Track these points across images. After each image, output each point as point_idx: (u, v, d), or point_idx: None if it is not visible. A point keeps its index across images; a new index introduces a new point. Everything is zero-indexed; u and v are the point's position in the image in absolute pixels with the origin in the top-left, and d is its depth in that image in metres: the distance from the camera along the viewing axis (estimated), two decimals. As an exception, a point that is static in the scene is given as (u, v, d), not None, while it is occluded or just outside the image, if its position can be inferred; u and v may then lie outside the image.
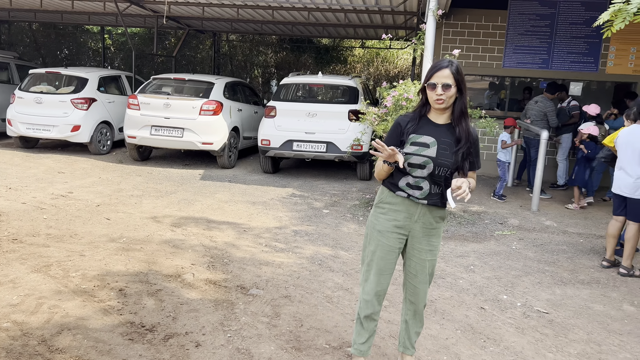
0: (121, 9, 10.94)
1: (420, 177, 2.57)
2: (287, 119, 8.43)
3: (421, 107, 2.63)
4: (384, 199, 2.70)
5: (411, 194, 2.59)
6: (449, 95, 2.51)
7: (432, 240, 2.71)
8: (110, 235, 5.13)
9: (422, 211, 2.63)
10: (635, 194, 4.83)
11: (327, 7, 9.69)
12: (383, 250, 2.68)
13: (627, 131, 4.98)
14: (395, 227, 2.66)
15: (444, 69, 2.51)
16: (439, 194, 2.61)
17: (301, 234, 5.58)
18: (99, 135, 9.73)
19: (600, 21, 3.90)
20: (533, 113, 8.07)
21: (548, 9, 9.17)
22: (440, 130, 2.58)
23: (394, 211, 2.65)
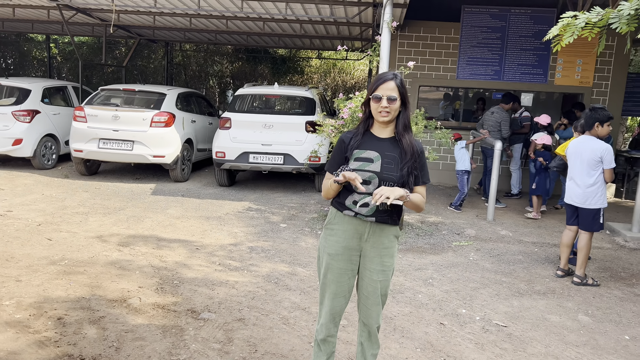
0: (67, 17, 10.50)
1: (366, 193, 2.48)
2: (243, 130, 8.24)
3: (364, 122, 2.57)
4: (332, 219, 2.61)
5: (358, 211, 2.50)
6: (394, 108, 2.47)
7: (385, 260, 2.59)
8: (51, 258, 4.80)
9: (371, 230, 2.54)
10: (585, 204, 4.90)
11: (283, 17, 9.59)
12: (334, 273, 2.59)
13: (576, 142, 5.06)
14: (345, 248, 2.56)
15: (389, 81, 2.47)
16: (388, 211, 2.53)
17: (257, 250, 5.40)
18: (43, 149, 9.24)
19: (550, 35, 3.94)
20: (490, 124, 8.19)
21: (499, 22, 9.38)
22: (384, 144, 2.52)
23: (342, 232, 2.56)
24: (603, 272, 5.35)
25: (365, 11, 8.54)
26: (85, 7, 9.92)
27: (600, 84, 9.44)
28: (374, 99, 2.48)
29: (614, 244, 6.47)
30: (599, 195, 4.88)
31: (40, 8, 10.59)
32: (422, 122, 6.59)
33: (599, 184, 4.87)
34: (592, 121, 4.91)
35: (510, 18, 9.36)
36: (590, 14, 3.74)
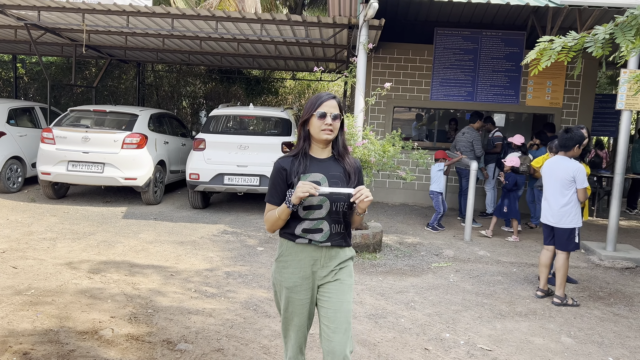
0: (35, 36, 10.25)
1: (318, 218, 2.42)
2: (218, 151, 8.11)
3: (302, 144, 2.48)
4: (284, 251, 2.49)
5: (311, 238, 2.43)
6: (337, 126, 2.44)
7: (344, 278, 2.51)
8: (16, 287, 4.54)
9: (327, 255, 2.47)
10: (560, 223, 4.94)
11: (257, 38, 9.57)
12: (296, 305, 2.48)
13: (550, 162, 5.12)
14: (302, 278, 2.46)
15: (331, 99, 2.45)
16: (341, 233, 2.48)
17: (234, 275, 5.24)
18: (8, 172, 8.90)
19: (528, 59, 3.98)
20: (462, 144, 8.26)
21: (471, 44, 9.55)
22: (325, 165, 2.47)
23: (297, 262, 2.46)
24: (582, 292, 5.37)
25: (340, 33, 8.59)
26: (54, 27, 9.70)
27: (569, 104, 9.67)
28: (319, 117, 2.41)
29: (589, 262, 6.54)
30: (573, 214, 4.92)
31: (7, 27, 10.32)
32: (399, 143, 6.59)
33: (573, 204, 4.91)
34: (573, 143, 4.94)
35: (481, 40, 9.56)
36: (566, 39, 3.80)
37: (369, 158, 6.22)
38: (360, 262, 6.00)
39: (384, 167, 6.50)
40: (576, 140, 4.93)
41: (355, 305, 4.61)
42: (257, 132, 9.85)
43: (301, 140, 2.48)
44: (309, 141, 2.48)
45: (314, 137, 2.45)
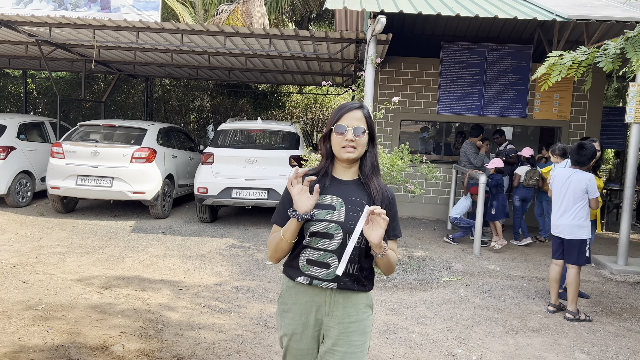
0: (45, 52, 10.38)
1: (326, 250, 1.98)
2: (226, 165, 8.14)
3: (325, 161, 2.08)
4: (284, 292, 2.10)
5: (313, 275, 1.99)
6: (361, 142, 2.00)
7: (353, 338, 2.03)
8: (26, 302, 4.55)
9: (333, 300, 2.02)
10: (570, 235, 4.91)
11: (265, 53, 9.65)
12: (295, 356, 2.10)
13: (560, 174, 5.09)
14: (303, 326, 2.06)
15: (355, 110, 2.02)
16: (354, 276, 2.00)
17: (243, 290, 5.22)
18: (17, 186, 8.96)
19: (538, 74, 4.00)
20: (462, 158, 8.31)
21: (478, 58, 9.59)
22: (347, 187, 2.03)
23: (297, 307, 2.05)
24: (594, 307, 5.32)
25: (347, 47, 8.64)
26: (64, 43, 9.83)
27: (577, 117, 9.66)
28: (337, 131, 2.00)
29: (600, 277, 6.48)
30: (585, 226, 4.89)
31: (19, 44, 10.47)
32: (407, 157, 6.60)
33: (585, 215, 4.89)
34: (588, 160, 4.94)
35: (488, 54, 9.59)
36: (576, 54, 3.81)
37: (377, 172, 6.22)
38: (370, 276, 5.96)
39: (393, 181, 6.50)
40: (591, 156, 4.93)
41: (366, 320, 4.57)
42: (265, 146, 9.88)
43: (323, 159, 2.09)
44: (332, 159, 2.07)
45: (335, 155, 2.05)
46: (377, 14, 6.57)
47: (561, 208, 4.99)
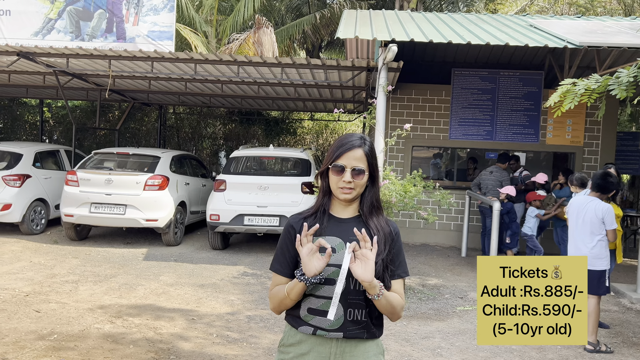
0: (62, 82, 10.59)
1: (328, 297, 1.81)
2: (238, 192, 8.16)
3: (322, 199, 1.95)
4: (285, 339, 1.95)
5: (317, 324, 1.85)
6: (360, 183, 1.88)
7: None
8: (39, 332, 4.53)
9: (339, 350, 1.86)
10: (590, 265, 4.80)
11: (277, 81, 9.76)
12: None
13: (577, 202, 5.03)
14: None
15: (357, 149, 1.89)
16: (362, 322, 1.85)
17: (256, 319, 5.17)
18: (32, 214, 9.04)
19: (551, 102, 3.99)
20: (489, 183, 8.22)
21: (489, 84, 9.61)
22: (346, 226, 1.90)
23: (300, 357, 1.89)
24: (614, 338, 5.18)
25: (359, 75, 8.72)
26: (81, 73, 10.03)
27: (591, 142, 9.59)
28: (335, 171, 1.88)
29: (620, 306, 6.32)
30: (603, 256, 4.81)
31: (36, 74, 10.69)
32: (420, 183, 6.57)
33: (603, 245, 4.81)
34: (613, 187, 4.88)
35: (499, 80, 9.61)
36: (589, 81, 3.81)
37: (390, 198, 6.19)
38: (383, 305, 5.88)
39: (405, 208, 6.46)
40: (616, 185, 4.87)
41: (380, 351, 4.49)
42: (277, 173, 9.92)
43: (320, 195, 1.97)
44: (329, 196, 1.95)
45: (333, 193, 1.94)
46: (388, 43, 6.63)
47: (578, 237, 4.91)
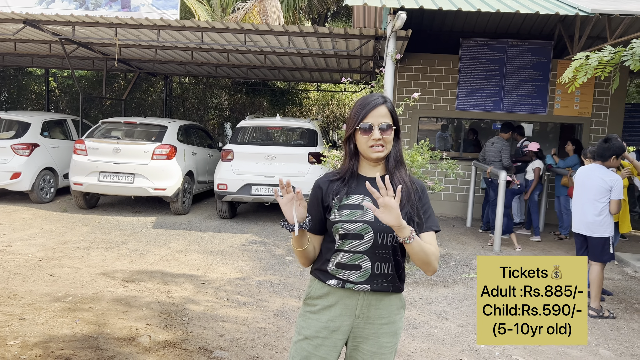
0: (68, 51, 10.55)
1: (356, 251, 1.91)
2: (245, 162, 8.20)
3: (349, 161, 2.00)
4: (312, 292, 2.01)
5: (345, 278, 1.92)
6: (389, 139, 1.93)
7: (384, 340, 1.97)
8: (54, 294, 4.65)
9: (365, 302, 1.94)
10: (594, 233, 4.87)
11: (284, 50, 9.69)
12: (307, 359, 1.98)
13: (585, 170, 5.05)
14: (330, 331, 1.95)
15: (380, 106, 1.93)
16: (389, 276, 1.93)
17: (265, 284, 5.28)
18: (41, 183, 9.14)
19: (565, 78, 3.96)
20: (490, 154, 8.21)
21: (497, 54, 9.51)
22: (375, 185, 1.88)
23: (327, 309, 1.96)
24: (618, 304, 5.26)
25: (366, 44, 8.64)
26: (87, 42, 9.98)
27: (599, 114, 9.53)
28: (363, 131, 1.92)
29: (624, 274, 6.40)
30: (607, 223, 4.84)
31: (42, 42, 10.65)
32: (427, 153, 6.59)
33: (607, 213, 4.84)
34: (610, 153, 4.89)
35: (508, 50, 9.50)
36: (602, 54, 3.77)
37: (397, 168, 6.22)
38: (390, 272, 5.98)
39: (412, 177, 6.48)
40: (613, 151, 4.86)
41: (387, 315, 4.59)
42: (284, 143, 9.94)
43: (347, 159, 2.01)
44: (356, 158, 2.00)
45: (362, 154, 1.98)
46: (397, 10, 6.56)
47: (583, 205, 4.95)
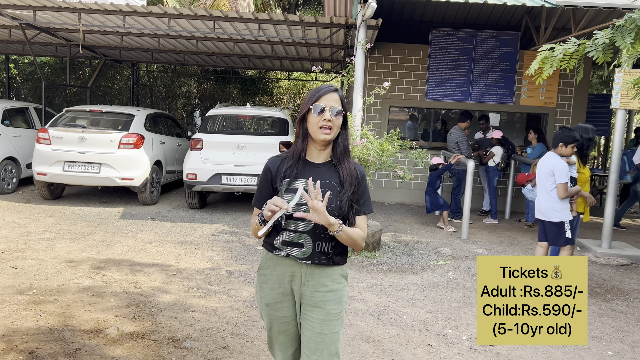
0: (29, 36, 10.19)
1: (300, 231, 2.11)
2: (215, 151, 8.11)
3: (301, 143, 2.17)
4: (263, 263, 2.23)
5: (289, 252, 2.13)
6: (337, 123, 2.12)
7: (330, 307, 2.15)
8: (17, 287, 4.53)
9: (309, 271, 2.14)
10: (548, 217, 5.06)
11: (254, 38, 9.58)
12: (278, 324, 2.21)
13: (542, 158, 5.27)
14: (282, 295, 2.18)
15: (333, 93, 2.13)
16: (329, 253, 2.14)
17: (236, 274, 5.25)
18: (3, 173, 8.84)
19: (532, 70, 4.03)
20: (449, 144, 8.40)
21: (466, 44, 9.63)
22: (319, 170, 2.15)
23: (275, 276, 2.18)
24: (579, 288, 5.44)
25: (337, 33, 8.62)
26: (49, 27, 9.66)
27: (563, 104, 9.77)
28: (316, 112, 2.09)
29: (585, 259, 6.61)
30: (560, 208, 5.00)
31: (1, 27, 10.26)
32: (397, 142, 6.64)
33: (555, 197, 5.00)
34: (557, 141, 5.13)
35: (476, 40, 9.63)
36: (567, 46, 3.84)
37: (367, 157, 6.25)
38: (360, 260, 6.03)
39: (383, 167, 6.54)
40: (560, 138, 5.07)
41: (357, 302, 4.64)
42: (254, 132, 9.86)
43: (299, 140, 2.18)
44: (306, 141, 2.17)
45: (311, 136, 2.14)
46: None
47: (539, 191, 5.18)
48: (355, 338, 3.88)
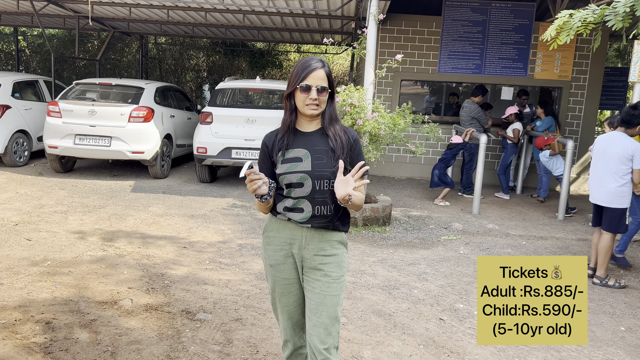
0: (37, 8, 10.10)
1: (299, 197, 2.20)
2: (225, 125, 8.07)
3: (289, 116, 2.25)
4: (267, 226, 2.34)
5: (291, 217, 2.23)
6: (324, 100, 2.19)
7: (330, 269, 2.24)
8: (32, 259, 4.58)
9: (308, 235, 2.24)
10: (612, 204, 4.70)
11: (263, 9, 9.43)
12: (281, 285, 2.31)
13: (605, 139, 4.83)
14: (284, 256, 2.27)
15: (319, 70, 2.18)
16: (328, 216, 2.22)
17: (247, 247, 5.28)
18: (14, 146, 8.88)
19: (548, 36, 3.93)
20: (462, 118, 8.30)
21: (480, 16, 9.42)
22: (311, 138, 2.23)
23: (278, 239, 2.28)
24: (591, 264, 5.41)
25: (348, 4, 8.45)
26: (57, -2, 9.56)
27: (578, 77, 9.58)
28: (302, 90, 2.16)
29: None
30: (627, 195, 4.69)
31: (9, -1, 10.17)
32: (409, 116, 6.56)
33: (627, 183, 4.67)
34: (638, 121, 4.68)
35: (490, 12, 9.41)
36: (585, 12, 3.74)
37: (379, 132, 6.19)
38: (371, 235, 6.04)
39: (394, 141, 6.48)
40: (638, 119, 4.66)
41: (368, 276, 4.65)
42: (264, 106, 9.79)
43: (287, 114, 2.25)
44: (295, 114, 2.24)
45: (299, 110, 2.22)
46: (380, -31, 6.38)
47: (602, 175, 4.76)
48: (366, 312, 3.90)
